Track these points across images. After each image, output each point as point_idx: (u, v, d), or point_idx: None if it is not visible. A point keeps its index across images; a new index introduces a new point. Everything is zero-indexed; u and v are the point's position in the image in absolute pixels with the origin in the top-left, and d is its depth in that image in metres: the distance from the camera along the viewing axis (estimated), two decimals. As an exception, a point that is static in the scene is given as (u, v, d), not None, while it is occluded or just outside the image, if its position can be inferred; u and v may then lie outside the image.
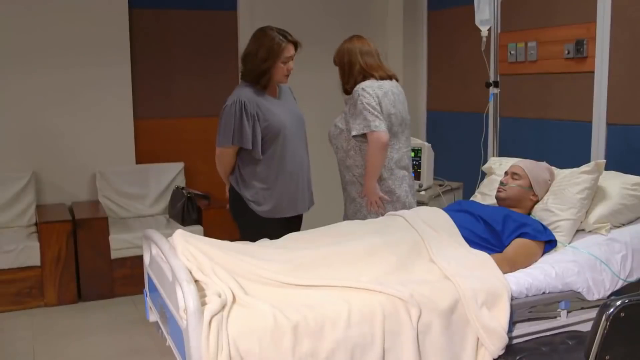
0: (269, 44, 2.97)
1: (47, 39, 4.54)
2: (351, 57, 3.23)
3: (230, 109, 2.99)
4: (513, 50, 4.30)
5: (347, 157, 3.18)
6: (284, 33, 3.02)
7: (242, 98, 2.98)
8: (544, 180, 2.88)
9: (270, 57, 2.97)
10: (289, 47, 3.01)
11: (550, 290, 2.43)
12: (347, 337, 2.06)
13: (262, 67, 2.98)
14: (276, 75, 3.03)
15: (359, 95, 3.07)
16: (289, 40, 3.00)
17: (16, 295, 4.07)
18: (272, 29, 3.02)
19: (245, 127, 2.97)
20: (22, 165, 4.55)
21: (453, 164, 4.79)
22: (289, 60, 3.03)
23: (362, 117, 3.04)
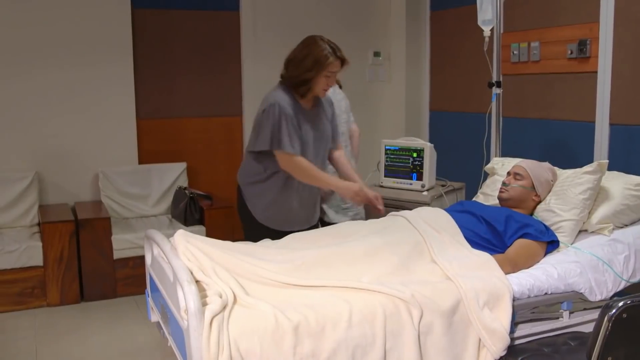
0: (317, 54, 2.87)
1: (50, 39, 4.55)
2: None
3: (272, 112, 2.87)
4: (516, 50, 4.29)
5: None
6: (334, 47, 2.91)
7: (282, 103, 2.89)
8: (546, 181, 2.87)
9: (315, 68, 2.87)
10: (336, 63, 2.90)
11: (552, 291, 2.42)
12: (348, 338, 2.06)
13: (304, 77, 2.90)
14: (316, 88, 2.94)
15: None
16: (337, 55, 2.90)
17: (19, 295, 4.07)
18: (322, 40, 2.91)
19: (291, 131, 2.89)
20: (25, 165, 4.56)
21: (455, 164, 4.78)
22: (332, 76, 2.93)
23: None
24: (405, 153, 3.84)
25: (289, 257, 2.36)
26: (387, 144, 3.93)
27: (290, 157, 2.88)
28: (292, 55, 2.97)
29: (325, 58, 2.86)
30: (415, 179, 3.79)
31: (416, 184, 3.78)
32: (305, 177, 2.93)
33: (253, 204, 3.04)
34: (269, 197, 3.01)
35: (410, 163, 3.82)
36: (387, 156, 3.91)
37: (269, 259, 2.33)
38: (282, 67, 3.01)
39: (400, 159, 3.85)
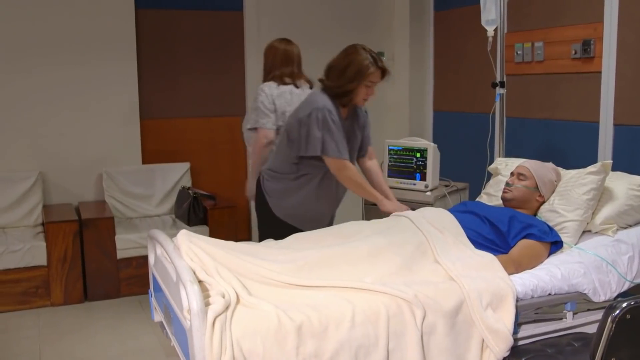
0: (359, 64, 2.86)
1: (54, 39, 4.56)
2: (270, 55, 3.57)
3: (320, 117, 2.86)
4: (520, 51, 4.28)
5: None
6: (376, 57, 2.90)
7: (329, 107, 2.89)
8: (550, 181, 2.87)
9: (357, 79, 2.87)
10: (377, 73, 2.90)
11: (556, 292, 2.41)
12: (351, 338, 2.05)
13: (347, 88, 2.89)
14: (356, 98, 2.93)
15: (258, 93, 3.45)
16: (378, 65, 2.89)
17: (23, 294, 4.09)
18: (364, 49, 2.91)
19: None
20: (28, 165, 4.57)
21: (459, 165, 4.77)
22: (372, 86, 2.92)
23: (256, 113, 3.40)
24: (408, 153, 3.84)
25: (292, 257, 2.35)
26: (390, 144, 3.93)
27: (342, 163, 2.90)
28: (334, 63, 2.96)
29: (367, 68, 2.86)
30: (419, 179, 3.79)
31: (420, 184, 3.78)
32: (353, 184, 2.96)
33: (275, 200, 3.07)
34: (296, 195, 3.03)
35: (413, 163, 3.82)
36: (391, 156, 3.91)
37: (271, 259, 2.33)
38: (323, 73, 3.00)
39: (404, 159, 3.85)
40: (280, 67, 3.52)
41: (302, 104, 3.00)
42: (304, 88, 3.54)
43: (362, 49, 2.91)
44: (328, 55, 5.52)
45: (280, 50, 3.56)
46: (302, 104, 2.99)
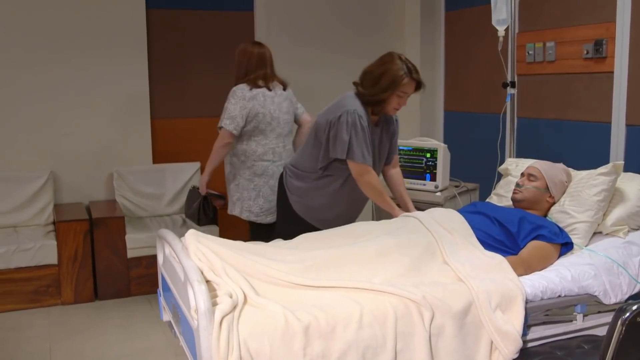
0: (393, 74, 2.85)
1: (65, 39, 4.58)
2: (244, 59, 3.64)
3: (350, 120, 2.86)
4: (531, 51, 4.25)
5: None
6: (411, 68, 2.89)
7: (359, 112, 2.89)
8: (560, 182, 2.85)
9: (390, 89, 2.86)
10: (410, 84, 2.88)
11: (566, 294, 2.40)
12: (358, 339, 2.05)
13: (379, 97, 2.89)
14: (388, 107, 2.93)
15: (230, 95, 3.55)
16: (413, 77, 2.88)
17: (34, 293, 4.11)
18: (400, 58, 2.89)
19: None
20: (39, 164, 4.60)
21: (470, 165, 4.75)
22: (404, 96, 2.91)
23: (223, 114, 3.53)
24: (418, 153, 3.82)
25: (300, 257, 2.35)
26: (400, 144, 3.91)
27: (364, 168, 2.90)
28: (369, 69, 2.96)
29: (401, 78, 2.85)
30: (429, 179, 3.78)
31: (430, 184, 3.77)
32: (372, 190, 2.96)
33: (296, 197, 3.09)
34: (317, 195, 3.06)
35: (423, 163, 3.80)
36: (401, 156, 3.90)
37: (279, 259, 2.32)
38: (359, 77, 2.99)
39: (414, 159, 3.84)
40: (255, 70, 3.60)
41: (333, 105, 2.99)
42: (276, 90, 3.63)
43: (399, 58, 2.89)
44: (338, 56, 5.54)
45: (255, 53, 3.64)
46: (333, 106, 2.98)
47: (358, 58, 5.47)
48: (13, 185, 4.44)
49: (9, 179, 4.45)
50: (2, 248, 4.02)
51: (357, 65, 5.33)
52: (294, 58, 5.26)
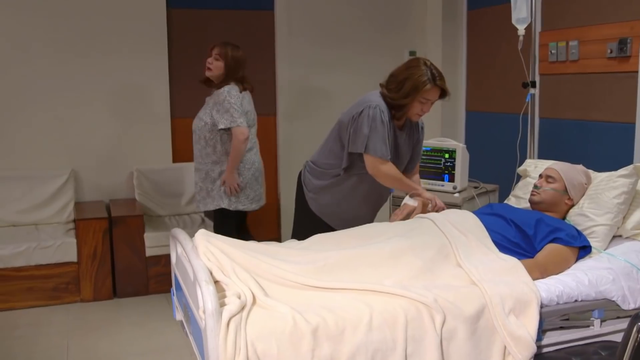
0: (416, 80, 2.80)
1: (87, 39, 4.62)
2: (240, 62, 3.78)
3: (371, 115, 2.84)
4: (554, 50, 4.17)
5: (207, 146, 3.72)
6: (436, 74, 2.84)
7: (381, 107, 2.87)
8: (579, 184, 2.78)
9: (411, 94, 2.82)
10: (434, 91, 2.84)
11: (582, 298, 2.34)
12: (368, 342, 2.02)
13: (401, 102, 2.85)
14: (410, 112, 2.90)
15: (226, 95, 3.61)
16: (436, 83, 2.83)
17: (54, 290, 4.16)
18: (425, 64, 2.85)
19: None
20: (61, 163, 4.65)
21: (491, 166, 4.69)
22: (427, 102, 2.87)
23: (229, 114, 3.57)
24: (437, 154, 3.78)
25: (311, 258, 2.33)
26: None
27: (380, 162, 2.86)
28: (395, 73, 2.92)
29: (423, 84, 2.80)
30: (447, 180, 3.73)
31: (448, 185, 3.72)
32: (390, 178, 2.93)
33: (312, 194, 3.08)
34: (333, 193, 3.03)
35: (442, 164, 3.76)
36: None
37: (290, 260, 2.31)
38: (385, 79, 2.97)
39: (432, 159, 3.80)
40: (238, 72, 3.77)
41: (356, 102, 2.96)
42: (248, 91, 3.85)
43: (424, 64, 2.84)
44: (361, 56, 5.51)
45: (239, 56, 3.79)
46: (356, 102, 2.96)
47: (379, 57, 5.48)
48: (35, 183, 4.50)
49: (31, 178, 4.51)
50: (23, 245, 4.08)
51: (378, 64, 5.35)
52: (315, 57, 5.25)
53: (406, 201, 2.95)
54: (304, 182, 3.13)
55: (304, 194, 3.12)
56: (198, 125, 3.77)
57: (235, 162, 3.69)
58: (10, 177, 4.48)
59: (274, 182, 5.34)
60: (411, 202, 2.93)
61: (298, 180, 3.19)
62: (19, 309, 4.08)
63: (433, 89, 2.83)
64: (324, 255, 2.34)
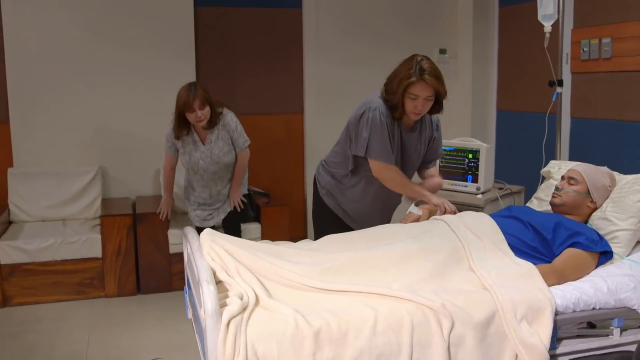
0: (402, 75, 2.68)
1: (114, 38, 4.67)
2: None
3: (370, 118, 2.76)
4: (586, 47, 4.04)
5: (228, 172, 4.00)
6: (424, 68, 2.65)
7: (381, 109, 2.77)
8: (603, 186, 2.68)
9: (399, 91, 2.70)
10: (420, 86, 2.66)
11: (601, 306, 2.24)
12: (371, 346, 1.98)
13: (394, 100, 2.74)
14: (405, 110, 2.76)
15: (235, 120, 3.91)
16: (422, 78, 2.65)
17: (78, 285, 4.21)
18: (417, 59, 2.69)
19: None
20: (89, 160, 4.72)
21: (521, 166, 4.57)
22: (417, 99, 2.69)
23: (243, 135, 3.94)
24: (460, 154, 3.69)
25: (318, 259, 2.29)
26: (442, 145, 3.78)
27: (384, 166, 2.81)
28: (394, 71, 2.81)
29: (407, 78, 2.67)
30: (471, 181, 3.64)
31: (471, 186, 3.64)
32: (395, 183, 2.86)
33: (324, 191, 3.05)
34: (344, 192, 3.00)
35: (465, 164, 3.67)
36: (442, 157, 3.78)
37: (296, 261, 2.27)
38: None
39: (456, 159, 3.72)
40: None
41: (361, 103, 2.90)
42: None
43: (415, 59, 2.70)
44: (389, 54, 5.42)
45: (207, 90, 3.84)
46: (361, 103, 2.89)
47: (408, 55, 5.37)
48: (63, 179, 4.58)
49: (60, 174, 4.59)
50: (50, 240, 4.14)
51: (407, 62, 5.25)
52: (343, 55, 5.20)
53: (411, 210, 2.87)
54: (317, 180, 3.12)
55: (318, 190, 3.11)
56: (225, 161, 3.92)
57: (242, 179, 4.05)
58: (40, 173, 4.56)
59: (300, 181, 5.32)
60: (415, 210, 2.85)
61: (314, 178, 3.17)
62: (45, 303, 4.15)
63: (419, 84, 2.67)
64: (331, 256, 2.30)
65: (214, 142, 3.86)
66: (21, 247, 4.09)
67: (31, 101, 4.58)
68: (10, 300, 4.10)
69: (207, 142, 3.87)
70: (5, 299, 4.09)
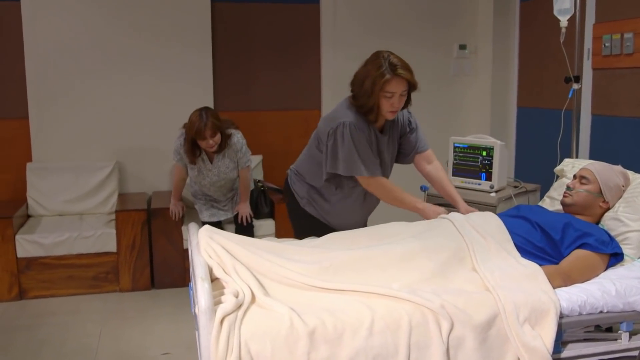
0: (373, 74, 2.57)
1: (131, 33, 4.70)
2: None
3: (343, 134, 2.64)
4: (607, 43, 3.93)
5: (233, 187, 4.34)
6: (394, 63, 2.56)
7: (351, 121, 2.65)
8: (616, 186, 2.60)
9: (373, 92, 2.57)
10: (395, 82, 2.55)
11: (608, 310, 2.18)
12: (367, 347, 1.94)
13: (368, 104, 2.61)
14: (381, 112, 2.65)
15: (242, 141, 4.16)
16: (396, 73, 2.55)
17: (94, 279, 4.25)
18: (383, 56, 2.59)
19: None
20: (106, 155, 4.76)
21: (538, 164, 4.48)
22: (393, 96, 2.59)
23: (248, 155, 4.20)
24: (474, 151, 3.63)
25: (317, 258, 2.26)
26: (456, 142, 3.73)
27: (371, 180, 2.72)
28: (357, 73, 2.70)
29: (381, 77, 2.55)
30: (484, 179, 3.57)
31: (485, 184, 3.56)
32: (389, 198, 2.77)
33: (305, 200, 2.93)
34: (317, 199, 2.90)
35: (479, 162, 3.60)
36: (456, 154, 3.72)
37: (296, 259, 2.25)
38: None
39: (469, 157, 3.65)
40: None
41: (331, 113, 2.79)
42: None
43: (382, 56, 2.59)
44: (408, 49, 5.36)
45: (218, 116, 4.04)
46: (332, 111, 2.79)
47: (428, 51, 5.33)
48: (80, 174, 4.62)
49: (77, 169, 4.63)
50: (66, 234, 4.18)
51: (426, 59, 5.22)
52: (361, 51, 5.04)
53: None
54: (294, 190, 2.95)
55: (295, 200, 2.94)
56: (230, 176, 4.21)
57: (249, 195, 4.30)
58: (58, 168, 4.61)
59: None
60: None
61: (285, 187, 3.02)
62: (60, 296, 4.20)
63: (394, 80, 2.56)
64: (331, 255, 2.27)
65: (220, 161, 4.12)
66: (37, 241, 4.14)
67: (50, 97, 4.63)
68: (27, 294, 4.16)
69: (215, 161, 4.12)
70: (22, 292, 4.15)
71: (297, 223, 2.98)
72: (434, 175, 2.94)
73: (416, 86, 2.64)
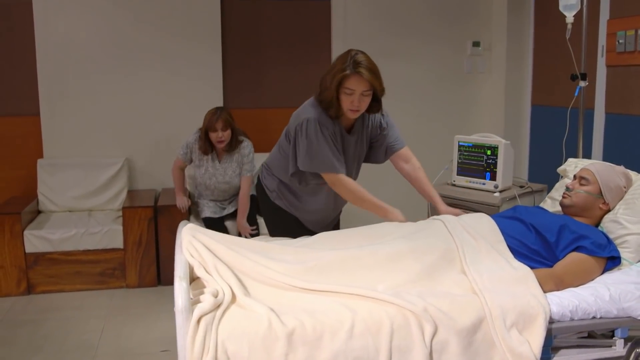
0: (334, 69, 2.55)
1: (141, 31, 4.70)
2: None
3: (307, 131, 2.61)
4: (622, 39, 3.83)
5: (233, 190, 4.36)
6: (358, 61, 2.52)
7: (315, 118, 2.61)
8: (617, 187, 2.51)
9: (333, 87, 2.54)
10: (355, 79, 2.51)
11: (602, 315, 2.11)
12: (347, 349, 1.91)
13: (328, 98, 2.58)
14: (342, 108, 2.60)
15: (251, 149, 4.27)
16: (356, 70, 2.50)
17: (100, 275, 4.27)
18: (351, 53, 2.55)
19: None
20: (116, 152, 4.77)
21: (552, 163, 4.37)
22: (353, 94, 2.54)
23: (253, 163, 4.27)
24: (479, 150, 3.55)
25: (302, 257, 2.23)
26: (460, 140, 3.66)
27: (336, 178, 2.67)
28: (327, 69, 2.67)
29: (340, 72, 2.52)
30: (489, 178, 3.50)
31: (489, 184, 3.49)
32: (353, 198, 2.71)
33: (275, 194, 2.90)
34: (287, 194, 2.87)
35: (484, 161, 3.53)
36: (461, 153, 3.64)
37: (280, 259, 2.22)
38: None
39: (474, 156, 3.58)
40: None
41: (301, 106, 2.76)
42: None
43: (350, 54, 2.56)
44: (420, 46, 5.28)
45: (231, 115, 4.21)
46: (301, 107, 2.75)
47: (441, 48, 5.26)
48: (90, 171, 4.64)
49: (87, 165, 4.65)
50: (73, 230, 4.21)
51: (439, 56, 5.15)
52: (372, 48, 4.98)
53: None
54: (265, 185, 2.92)
55: (266, 194, 2.92)
56: (235, 182, 4.28)
57: (247, 208, 4.23)
58: (68, 164, 4.64)
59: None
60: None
61: (258, 182, 2.99)
62: (67, 291, 4.23)
63: (353, 77, 2.50)
64: (316, 255, 2.24)
65: (228, 163, 4.23)
66: (45, 237, 4.17)
67: (61, 94, 4.67)
68: (35, 288, 4.20)
69: (223, 162, 4.23)
70: (30, 287, 4.19)
71: (268, 217, 2.95)
72: (412, 175, 2.86)
73: (382, 91, 2.60)
